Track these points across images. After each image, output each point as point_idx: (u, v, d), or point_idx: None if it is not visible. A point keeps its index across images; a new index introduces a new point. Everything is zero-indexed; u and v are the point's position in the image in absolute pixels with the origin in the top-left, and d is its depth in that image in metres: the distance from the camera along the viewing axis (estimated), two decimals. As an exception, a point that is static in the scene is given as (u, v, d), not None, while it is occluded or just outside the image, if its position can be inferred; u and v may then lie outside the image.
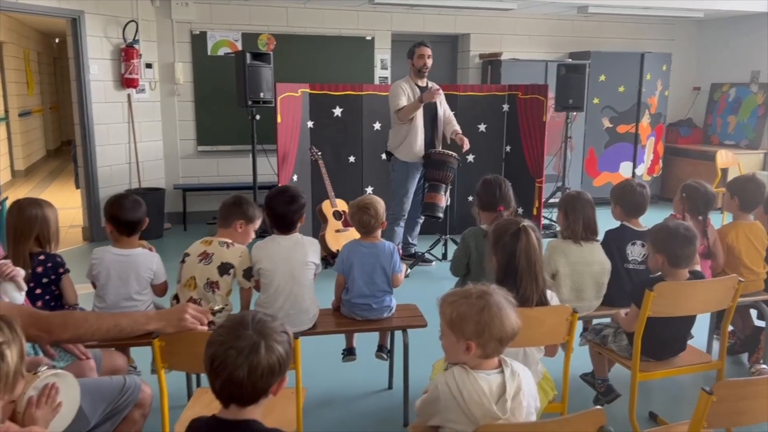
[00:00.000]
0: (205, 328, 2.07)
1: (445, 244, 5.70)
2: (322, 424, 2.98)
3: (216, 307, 2.55)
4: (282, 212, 2.87)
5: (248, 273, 2.80)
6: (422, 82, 5.30)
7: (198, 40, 6.82)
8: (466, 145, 5.20)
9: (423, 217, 5.49)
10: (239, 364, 1.36)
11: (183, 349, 2.06)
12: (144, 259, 2.76)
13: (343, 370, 3.42)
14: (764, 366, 3.38)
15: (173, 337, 2.04)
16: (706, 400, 1.67)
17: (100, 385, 2.10)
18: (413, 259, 5.54)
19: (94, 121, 6.10)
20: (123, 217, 2.74)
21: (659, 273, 2.68)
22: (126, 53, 6.23)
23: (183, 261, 2.79)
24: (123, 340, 2.30)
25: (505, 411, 1.62)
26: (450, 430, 1.70)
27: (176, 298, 2.82)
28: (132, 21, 6.26)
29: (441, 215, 5.19)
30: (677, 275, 2.62)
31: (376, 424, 3.00)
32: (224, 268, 2.74)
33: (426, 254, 5.64)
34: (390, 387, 3.35)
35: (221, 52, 6.89)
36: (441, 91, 5.22)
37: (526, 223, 2.24)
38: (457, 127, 5.41)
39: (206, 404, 2.30)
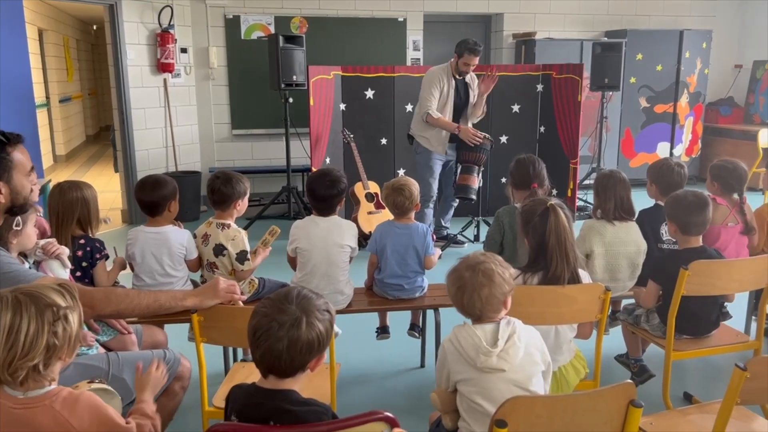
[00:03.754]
0: (243, 298, 2.13)
1: (478, 226, 5.69)
2: (355, 399, 3.04)
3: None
4: (322, 195, 2.91)
5: (242, 256, 2.82)
6: (460, 76, 5.25)
7: (232, 24, 6.88)
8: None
9: (457, 201, 5.48)
10: (280, 336, 1.40)
11: (219, 324, 2.13)
12: (175, 236, 2.83)
13: (377, 347, 3.47)
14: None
15: (211, 312, 2.11)
16: (739, 377, 1.66)
17: (141, 358, 2.17)
18: (446, 241, 5.55)
19: (132, 106, 6.23)
20: (140, 198, 2.83)
21: (673, 249, 2.69)
22: (161, 38, 6.33)
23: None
24: (163, 316, 2.38)
25: (494, 345, 1.74)
26: (464, 388, 1.78)
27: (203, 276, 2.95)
28: (167, 6, 6.35)
29: (474, 197, 5.17)
30: (689, 243, 2.65)
31: (408, 401, 3.04)
32: (218, 250, 2.82)
33: (458, 236, 5.64)
34: (422, 365, 3.39)
35: (254, 35, 6.94)
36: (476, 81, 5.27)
37: (554, 201, 2.24)
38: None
39: (243, 378, 2.37)
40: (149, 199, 2.80)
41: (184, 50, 6.70)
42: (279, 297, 1.46)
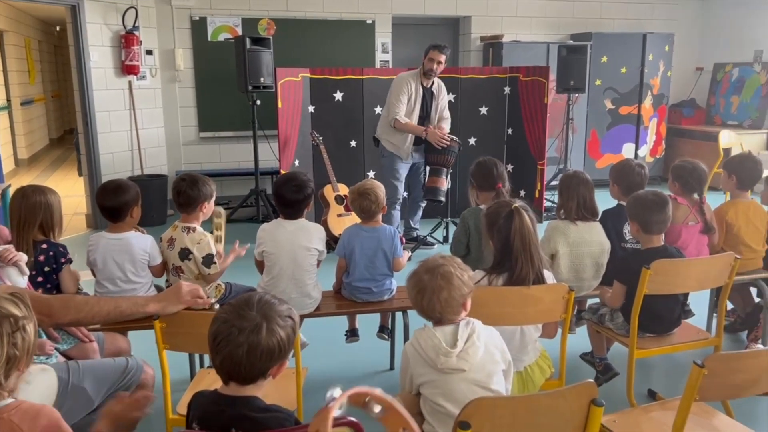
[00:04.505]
0: (208, 302, 2.10)
1: (447, 227, 5.71)
2: (324, 403, 3.01)
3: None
4: (289, 200, 2.89)
5: (208, 260, 2.77)
6: (428, 83, 5.27)
7: (198, 26, 6.81)
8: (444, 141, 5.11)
9: (426, 201, 5.50)
10: (239, 342, 1.39)
11: (183, 329, 2.10)
12: (137, 241, 2.78)
13: (346, 351, 3.45)
14: (760, 345, 3.39)
15: (174, 318, 2.08)
16: (697, 373, 1.69)
17: (103, 367, 2.14)
18: (415, 242, 5.56)
19: (96, 109, 6.12)
20: (102, 204, 2.77)
21: (636, 248, 2.76)
22: (126, 40, 6.23)
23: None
24: (125, 323, 2.34)
25: (454, 346, 1.76)
26: (427, 391, 1.80)
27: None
28: (131, 7, 6.25)
29: (443, 199, 5.20)
30: (652, 243, 2.70)
31: (378, 404, 3.02)
32: (184, 254, 2.78)
33: (428, 237, 5.66)
34: (392, 368, 3.38)
35: (221, 37, 6.88)
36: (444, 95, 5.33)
37: (518, 203, 2.26)
38: (445, 129, 5.30)
39: (209, 384, 2.33)
40: (111, 205, 2.75)
41: (149, 52, 6.61)
42: (240, 302, 1.44)
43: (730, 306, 3.77)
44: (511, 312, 2.21)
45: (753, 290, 3.63)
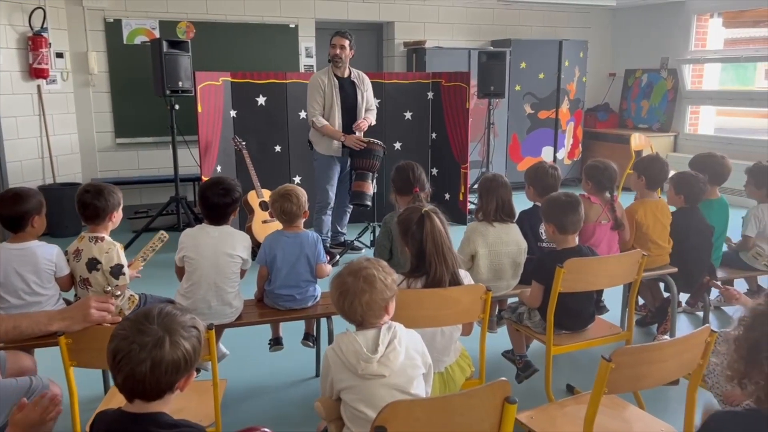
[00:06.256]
0: (118, 319, 2.01)
1: (373, 232, 5.73)
2: (248, 414, 2.95)
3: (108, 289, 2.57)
4: (215, 203, 2.82)
5: (117, 270, 2.68)
6: (342, 72, 5.24)
7: (112, 29, 6.56)
8: (362, 127, 5.22)
9: (352, 206, 5.49)
10: (142, 359, 1.33)
11: (92, 345, 2.00)
12: (42, 251, 2.64)
13: (270, 360, 3.40)
14: (666, 337, 3.56)
15: (81, 334, 1.98)
16: (605, 368, 1.76)
17: (3, 388, 2.01)
18: (343, 247, 5.54)
19: (2, 114, 5.77)
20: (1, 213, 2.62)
21: (552, 248, 2.88)
22: (33, 42, 5.92)
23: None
24: (28, 340, 2.21)
25: (375, 351, 1.74)
26: (347, 396, 1.78)
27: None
28: (39, 8, 5.95)
29: (369, 203, 5.21)
30: (567, 241, 2.80)
31: (302, 411, 2.99)
32: (92, 264, 2.67)
33: (355, 242, 5.66)
34: (317, 375, 3.35)
35: (138, 40, 6.65)
36: (367, 87, 5.32)
37: (428, 207, 2.29)
38: (370, 117, 5.36)
39: (121, 401, 2.23)
40: (8, 214, 2.60)
41: (59, 55, 6.31)
42: (138, 317, 1.38)
43: (641, 301, 3.95)
44: (431, 314, 2.22)
45: (662, 285, 3.81)
